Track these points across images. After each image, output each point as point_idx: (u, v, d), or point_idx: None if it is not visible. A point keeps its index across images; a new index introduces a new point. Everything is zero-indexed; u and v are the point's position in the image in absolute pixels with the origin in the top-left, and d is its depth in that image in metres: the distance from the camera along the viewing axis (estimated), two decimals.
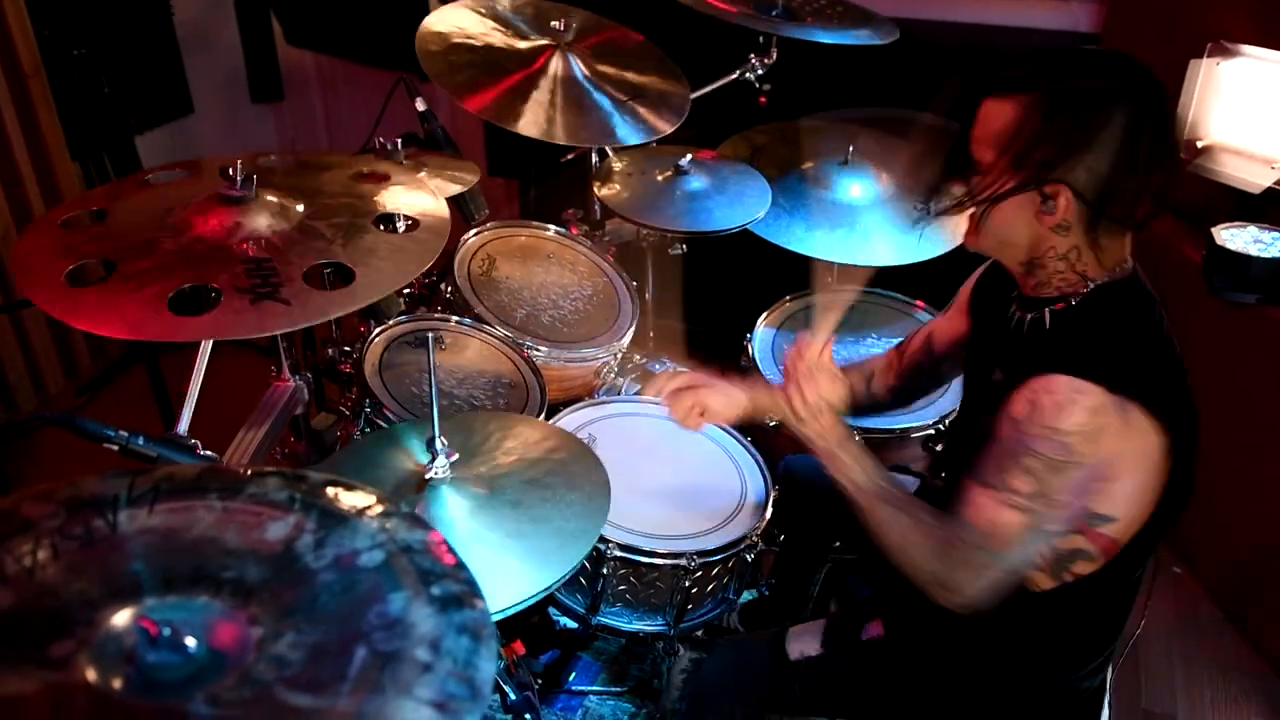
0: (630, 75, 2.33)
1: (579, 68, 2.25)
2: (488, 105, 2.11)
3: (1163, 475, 1.24)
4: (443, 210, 1.61)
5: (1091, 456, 1.20)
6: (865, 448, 1.43)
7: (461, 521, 1.43)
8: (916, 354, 1.72)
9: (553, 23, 2.25)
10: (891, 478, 1.40)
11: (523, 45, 2.26)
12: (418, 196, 1.63)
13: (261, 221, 1.43)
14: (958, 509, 1.28)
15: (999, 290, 1.46)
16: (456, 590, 0.83)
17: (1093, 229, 1.26)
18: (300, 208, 1.49)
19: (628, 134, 2.21)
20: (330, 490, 0.93)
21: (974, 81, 1.31)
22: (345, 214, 1.53)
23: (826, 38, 2.24)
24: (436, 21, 2.20)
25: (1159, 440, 1.21)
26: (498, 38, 2.26)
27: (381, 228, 1.55)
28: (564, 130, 2.14)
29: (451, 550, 0.88)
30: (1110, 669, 1.52)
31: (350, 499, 0.93)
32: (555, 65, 2.23)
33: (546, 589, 1.36)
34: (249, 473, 0.95)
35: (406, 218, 1.58)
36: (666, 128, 2.26)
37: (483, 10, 2.29)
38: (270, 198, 1.47)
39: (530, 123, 2.11)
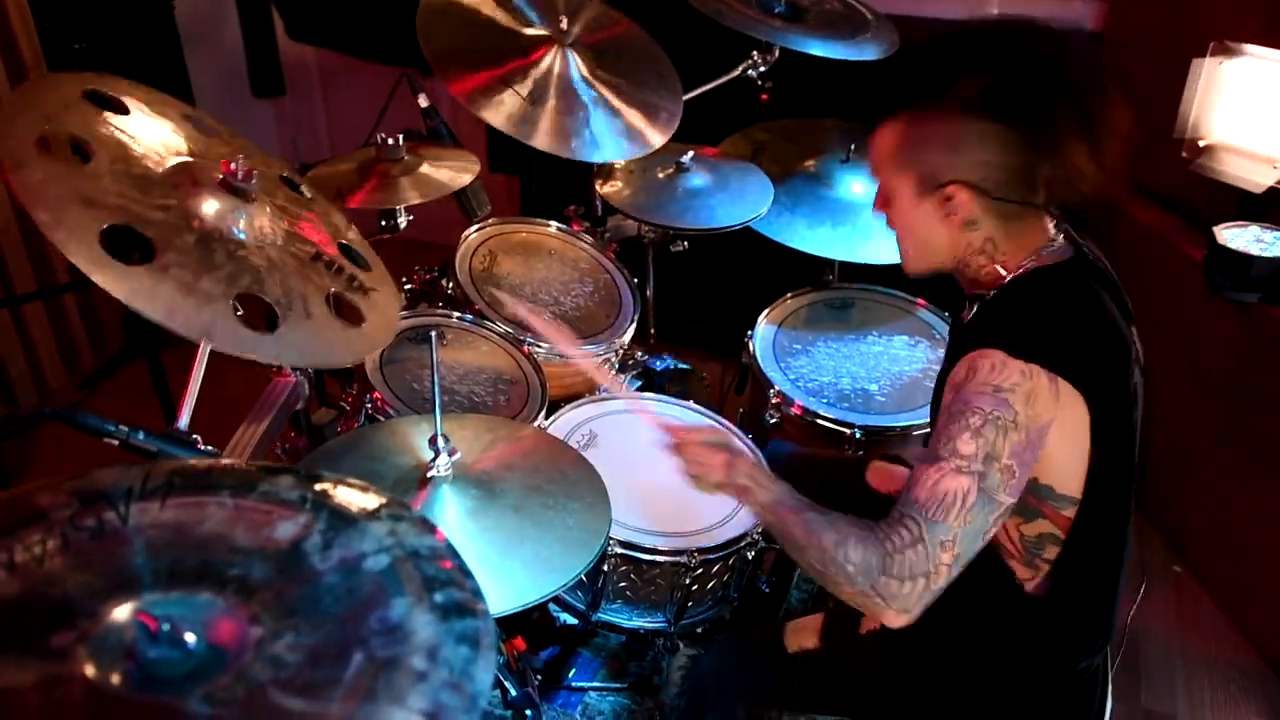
0: (625, 83, 2.24)
1: (577, 67, 2.18)
2: (470, 92, 2.01)
3: (1089, 448, 1.27)
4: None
5: (1030, 419, 1.21)
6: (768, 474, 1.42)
7: (462, 521, 1.42)
8: None
9: (560, 18, 2.17)
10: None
11: (526, 32, 2.16)
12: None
13: (266, 217, 1.42)
14: (902, 494, 1.24)
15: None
16: (459, 598, 0.82)
17: (1001, 218, 1.31)
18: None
19: (611, 148, 2.14)
20: (342, 491, 0.93)
21: (871, 110, 1.41)
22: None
23: (821, 50, 2.23)
24: None
25: (1086, 413, 1.25)
26: (501, 17, 2.16)
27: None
28: (543, 134, 2.03)
29: (457, 557, 0.87)
30: (1109, 657, 1.52)
31: (362, 501, 0.92)
32: (551, 61, 2.15)
33: (547, 595, 1.36)
34: (260, 469, 0.94)
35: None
36: (657, 141, 2.19)
37: None
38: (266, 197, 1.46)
39: (504, 116, 2.01)
